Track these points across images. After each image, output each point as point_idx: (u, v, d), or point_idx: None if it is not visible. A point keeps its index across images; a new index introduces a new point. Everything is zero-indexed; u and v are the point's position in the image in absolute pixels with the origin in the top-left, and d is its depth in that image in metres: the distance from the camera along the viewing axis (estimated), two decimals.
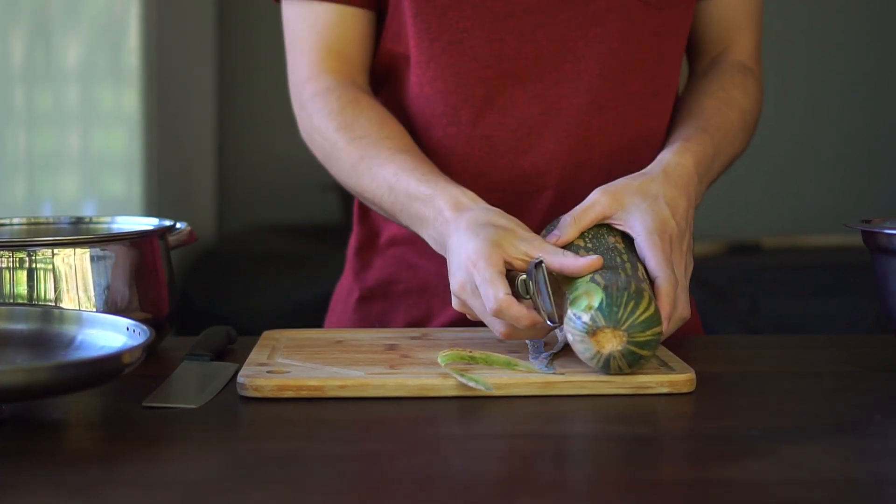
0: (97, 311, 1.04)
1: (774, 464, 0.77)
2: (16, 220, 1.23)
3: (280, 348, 1.06)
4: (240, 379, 0.94)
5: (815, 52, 3.36)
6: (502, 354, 0.99)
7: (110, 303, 1.06)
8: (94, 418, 0.90)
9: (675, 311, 0.99)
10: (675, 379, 0.95)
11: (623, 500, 0.72)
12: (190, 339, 1.11)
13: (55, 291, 1.05)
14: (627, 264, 0.99)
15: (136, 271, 1.09)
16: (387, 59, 1.24)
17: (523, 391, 0.94)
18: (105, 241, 1.07)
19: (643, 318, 0.93)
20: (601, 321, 0.92)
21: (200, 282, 2.60)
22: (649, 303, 0.94)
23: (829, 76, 3.36)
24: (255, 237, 3.05)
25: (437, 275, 1.25)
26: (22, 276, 1.04)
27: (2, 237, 1.20)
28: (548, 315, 0.95)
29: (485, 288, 0.96)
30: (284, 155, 3.16)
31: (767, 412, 0.91)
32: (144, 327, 0.91)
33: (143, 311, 1.08)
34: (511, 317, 0.95)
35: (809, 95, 3.36)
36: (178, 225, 1.21)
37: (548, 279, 0.95)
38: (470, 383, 0.92)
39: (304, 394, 0.93)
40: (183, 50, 2.75)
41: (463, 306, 1.01)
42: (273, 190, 3.32)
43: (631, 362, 0.93)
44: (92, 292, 1.06)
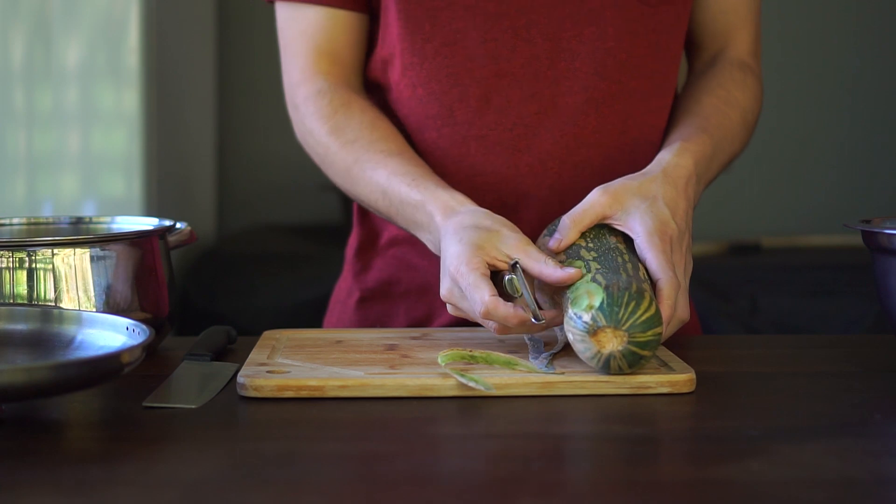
0: (97, 311, 1.05)
1: (774, 464, 0.77)
2: (16, 220, 1.23)
3: (280, 348, 1.06)
4: (240, 379, 0.94)
5: (815, 51, 3.36)
6: (502, 354, 0.99)
7: (110, 303, 1.06)
8: (94, 418, 0.90)
9: (675, 313, 0.99)
10: (675, 379, 0.95)
11: (623, 500, 0.72)
12: (190, 339, 1.11)
13: (55, 291, 1.05)
14: (629, 264, 0.99)
15: (136, 271, 1.09)
16: (380, 62, 1.24)
17: (523, 391, 0.94)
18: (105, 241, 1.07)
19: (644, 318, 0.93)
20: (602, 321, 0.93)
21: (200, 282, 2.60)
22: (650, 303, 0.94)
23: (829, 76, 3.36)
24: (255, 237, 3.04)
25: (437, 275, 1.24)
26: (22, 276, 1.04)
27: (2, 237, 1.20)
28: (532, 314, 0.96)
29: (470, 292, 0.98)
30: (284, 155, 3.16)
31: (767, 412, 0.91)
32: (144, 327, 0.91)
33: (143, 311, 1.08)
34: (499, 317, 0.96)
35: (809, 95, 3.36)
36: (178, 225, 1.21)
37: (525, 279, 0.97)
38: (470, 383, 0.92)
39: (305, 394, 0.93)
40: (183, 50, 2.75)
41: (456, 311, 1.03)
42: (273, 190, 3.32)
43: (631, 362, 0.93)
44: (92, 292, 1.06)
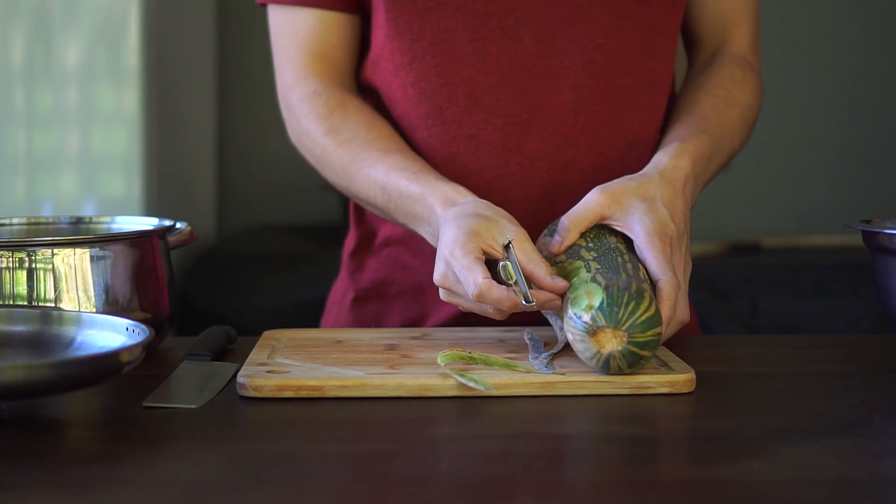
0: (97, 312, 1.05)
1: (774, 464, 0.77)
2: (16, 220, 1.23)
3: (280, 348, 1.06)
4: (240, 379, 0.94)
5: (816, 51, 3.36)
6: (501, 357, 0.99)
7: (110, 303, 1.06)
8: (94, 418, 0.90)
9: (675, 314, 0.99)
10: (675, 379, 0.95)
11: (623, 500, 0.72)
12: (190, 339, 1.11)
13: (55, 291, 1.05)
14: (629, 264, 0.99)
15: (136, 271, 1.09)
16: (372, 64, 1.24)
17: (523, 391, 0.94)
18: (105, 241, 1.07)
19: (644, 318, 0.93)
20: (602, 321, 0.92)
21: (200, 282, 2.60)
22: (650, 303, 0.94)
23: (829, 76, 3.36)
24: (255, 237, 3.04)
25: (431, 275, 1.24)
26: (22, 276, 1.04)
27: (2, 237, 1.20)
28: (523, 296, 0.96)
29: (463, 275, 0.97)
30: (284, 155, 3.15)
31: (767, 412, 0.91)
32: (144, 327, 0.91)
33: (143, 311, 1.08)
34: (492, 300, 0.96)
35: (810, 95, 3.36)
36: (178, 225, 1.21)
37: (517, 261, 0.97)
38: (469, 383, 0.92)
39: (304, 394, 0.93)
40: (183, 50, 2.75)
41: (449, 295, 1.02)
42: (273, 190, 3.32)
43: (631, 362, 0.93)
44: (92, 292, 1.06)
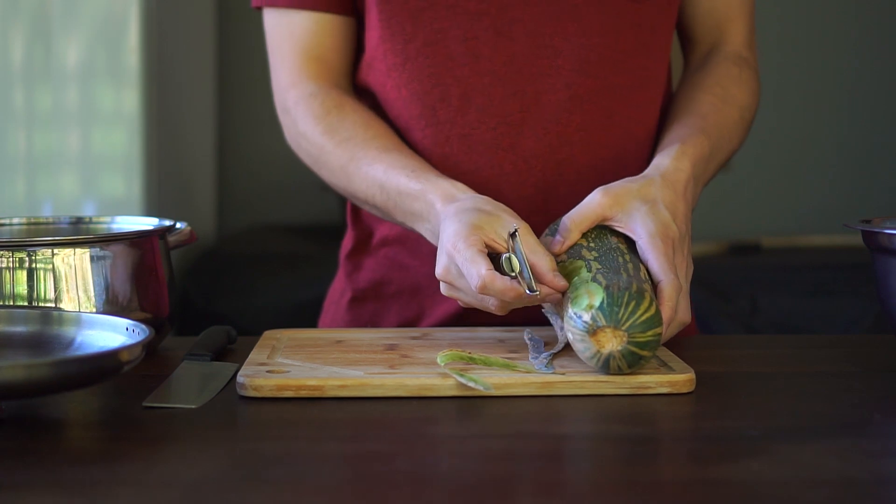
0: (97, 312, 1.05)
1: (774, 464, 0.77)
2: (16, 220, 1.23)
3: (280, 348, 1.06)
4: (239, 379, 0.94)
5: (815, 51, 3.36)
6: (501, 357, 0.99)
7: (110, 303, 1.06)
8: (94, 418, 0.90)
9: (676, 316, 0.99)
10: (675, 379, 0.95)
11: (623, 500, 0.72)
12: (190, 339, 1.11)
13: (55, 291, 1.05)
14: (629, 265, 0.99)
15: (136, 271, 1.09)
16: (366, 66, 1.24)
17: (523, 391, 0.94)
18: (105, 241, 1.07)
19: (644, 318, 0.93)
20: (602, 320, 0.92)
21: (200, 282, 2.60)
22: (650, 303, 0.94)
23: (829, 76, 3.36)
24: (255, 237, 3.04)
25: (427, 275, 1.25)
26: (22, 276, 1.04)
27: (2, 237, 1.20)
28: (527, 284, 0.95)
29: (467, 267, 0.97)
30: (284, 155, 3.15)
31: (767, 412, 0.91)
32: (144, 327, 0.91)
33: (143, 311, 1.08)
34: (496, 291, 0.96)
35: (809, 95, 3.36)
36: (178, 225, 1.21)
37: (524, 251, 0.97)
38: (469, 383, 0.92)
39: (304, 393, 0.93)
40: (183, 50, 2.75)
41: (450, 290, 1.02)
42: (273, 190, 3.32)
43: (631, 363, 0.93)
44: (92, 292, 1.06)
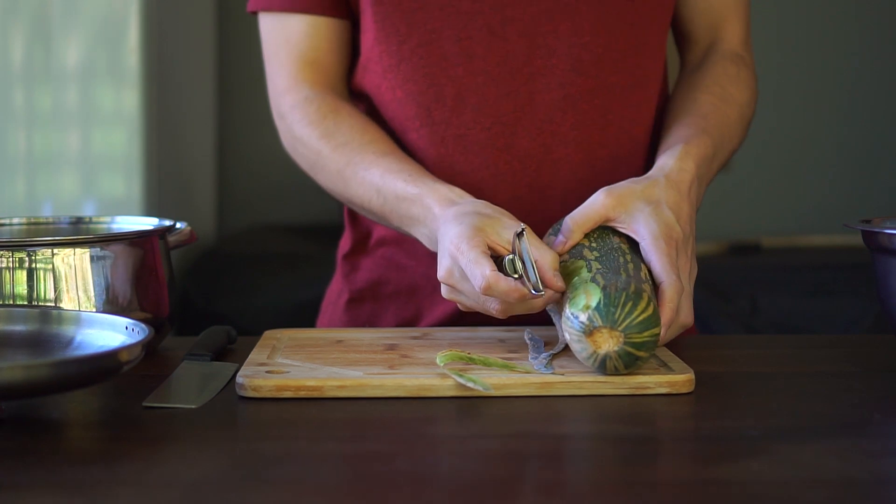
0: (97, 312, 1.05)
1: (774, 464, 0.77)
2: (16, 220, 1.23)
3: (280, 348, 1.06)
4: (239, 379, 0.94)
5: (815, 51, 3.36)
6: (501, 357, 0.99)
7: (110, 303, 1.06)
8: (94, 418, 0.90)
9: (678, 317, 0.99)
10: (675, 379, 0.95)
11: (623, 500, 0.72)
12: (190, 339, 1.11)
13: (55, 291, 1.05)
14: (630, 265, 0.99)
15: (136, 271, 1.09)
16: (361, 68, 1.24)
17: (522, 391, 0.94)
18: (105, 241, 1.07)
19: (640, 319, 0.93)
20: (598, 321, 0.92)
21: (200, 282, 2.60)
22: (647, 304, 0.94)
23: (829, 76, 3.36)
24: (255, 237, 3.04)
25: (424, 276, 1.25)
26: (22, 276, 1.04)
27: (2, 237, 1.20)
28: (532, 285, 0.95)
29: (470, 269, 0.97)
30: (284, 155, 3.15)
31: (767, 412, 0.91)
32: (143, 326, 0.91)
33: (143, 310, 1.08)
34: (500, 292, 0.95)
35: (809, 95, 3.36)
36: (178, 225, 1.21)
37: (530, 250, 0.96)
38: (468, 383, 0.92)
39: (303, 394, 0.93)
40: (183, 50, 2.75)
41: (452, 293, 1.02)
42: (273, 190, 3.32)
43: (627, 363, 0.93)
44: (92, 292, 1.06)
